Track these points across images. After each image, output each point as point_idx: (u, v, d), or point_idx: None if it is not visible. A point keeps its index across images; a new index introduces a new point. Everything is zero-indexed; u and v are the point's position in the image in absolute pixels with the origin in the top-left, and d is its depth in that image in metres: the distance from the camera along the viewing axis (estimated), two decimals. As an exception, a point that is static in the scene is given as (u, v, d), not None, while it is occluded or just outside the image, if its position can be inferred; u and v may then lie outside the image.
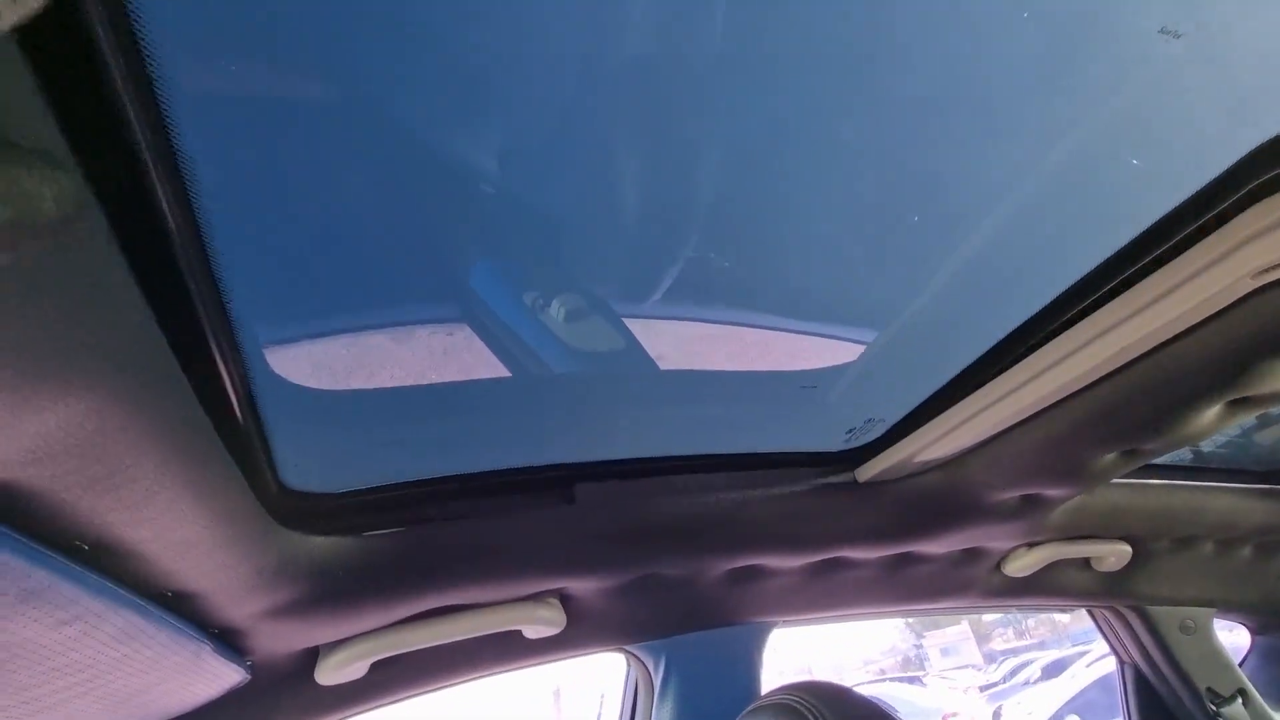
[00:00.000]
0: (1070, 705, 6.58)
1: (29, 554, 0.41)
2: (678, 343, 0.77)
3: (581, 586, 0.97)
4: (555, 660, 1.12)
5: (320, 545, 0.73)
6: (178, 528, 0.49)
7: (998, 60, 0.50)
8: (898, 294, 0.74)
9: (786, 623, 1.26)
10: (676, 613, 1.13)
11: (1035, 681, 11.08)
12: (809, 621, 1.31)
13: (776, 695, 0.81)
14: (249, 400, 0.57)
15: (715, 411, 0.88)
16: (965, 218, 0.64)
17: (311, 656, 0.88)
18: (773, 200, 0.60)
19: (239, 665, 0.76)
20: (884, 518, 0.99)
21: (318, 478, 0.73)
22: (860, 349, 0.78)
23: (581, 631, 1.06)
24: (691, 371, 0.80)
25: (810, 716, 0.72)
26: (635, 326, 0.70)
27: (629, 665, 1.26)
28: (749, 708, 0.85)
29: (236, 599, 0.66)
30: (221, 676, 0.75)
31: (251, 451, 0.61)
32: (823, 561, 1.09)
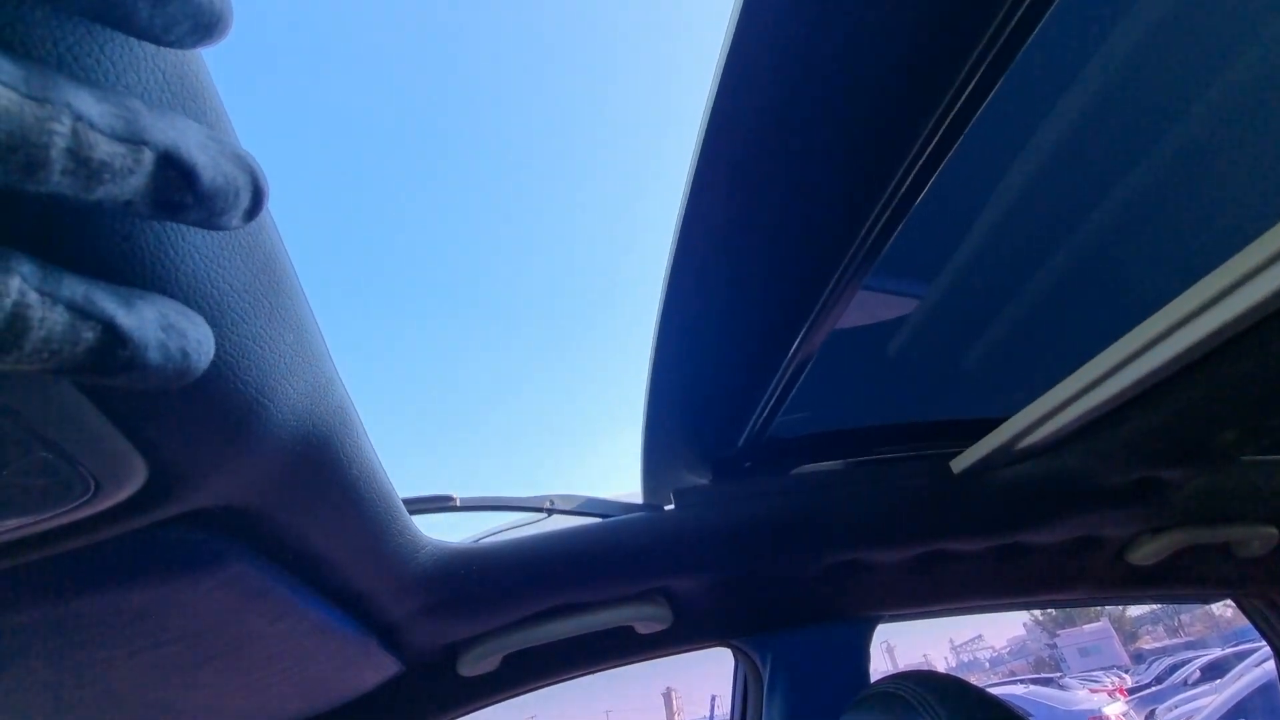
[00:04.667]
0: (1237, 710, 5.88)
1: (255, 563, 0.52)
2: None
3: (685, 584, 1.03)
4: (665, 654, 1.19)
5: (454, 553, 0.83)
6: (356, 540, 0.60)
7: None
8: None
9: (892, 617, 1.26)
10: (780, 608, 1.16)
11: (1194, 683, 9.99)
12: (917, 615, 1.30)
13: (884, 685, 0.82)
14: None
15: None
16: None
17: (454, 651, 0.99)
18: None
19: (397, 657, 0.88)
20: (984, 508, 0.98)
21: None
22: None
23: (688, 627, 1.12)
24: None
25: (918, 705, 0.73)
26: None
27: (737, 660, 1.30)
28: (856, 698, 0.87)
29: (394, 600, 0.77)
30: (384, 667, 0.87)
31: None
32: (925, 554, 1.09)
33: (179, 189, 0.21)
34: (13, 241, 0.20)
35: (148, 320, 0.23)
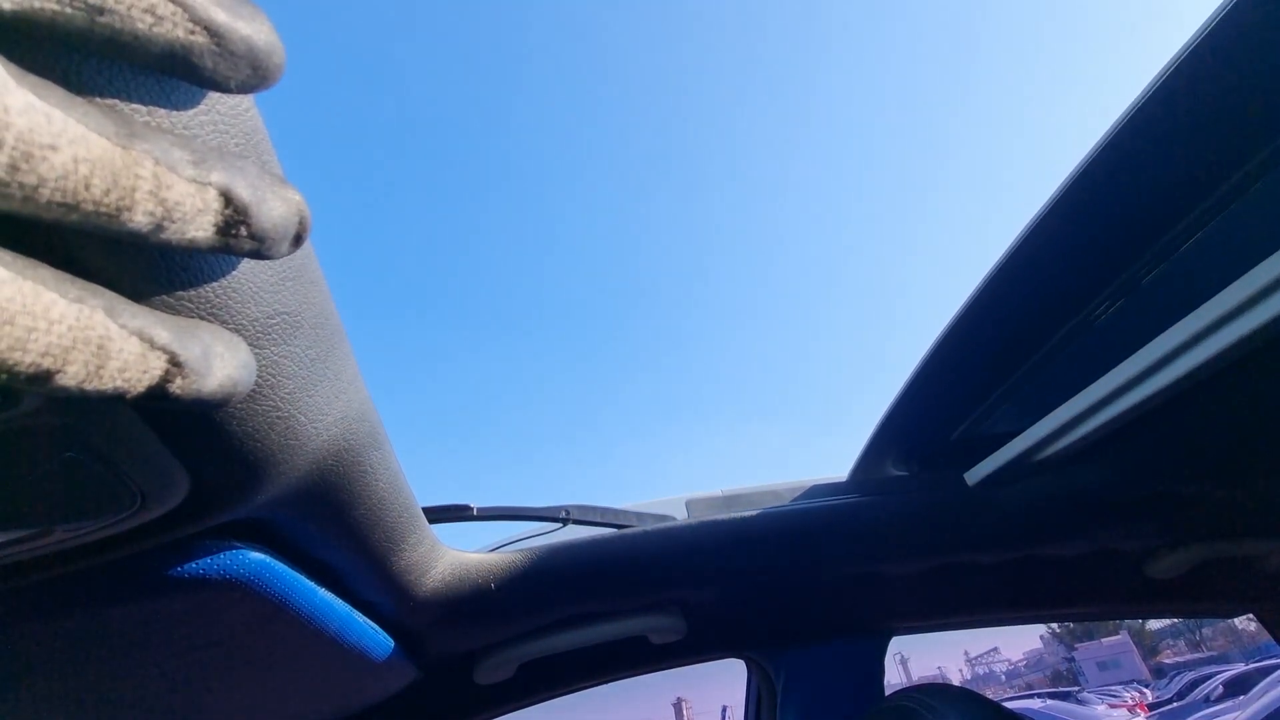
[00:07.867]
0: (1262, 726, 5.74)
1: (282, 573, 0.54)
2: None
3: (700, 596, 1.04)
4: (679, 665, 1.19)
5: (472, 563, 0.84)
6: (379, 551, 0.61)
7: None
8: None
9: (907, 629, 1.26)
10: (794, 621, 1.16)
11: (1217, 699, 9.78)
12: (932, 628, 1.30)
13: (898, 698, 0.82)
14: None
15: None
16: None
17: (470, 659, 1.00)
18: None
19: (414, 665, 0.89)
20: (1000, 521, 0.98)
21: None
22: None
23: (702, 638, 1.12)
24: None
25: (932, 719, 0.73)
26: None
27: (750, 672, 1.30)
28: (870, 711, 0.87)
29: (413, 609, 0.78)
30: (403, 674, 0.88)
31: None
32: (940, 567, 1.08)
33: (236, 224, 0.22)
34: (95, 277, 0.22)
35: (201, 348, 0.25)
